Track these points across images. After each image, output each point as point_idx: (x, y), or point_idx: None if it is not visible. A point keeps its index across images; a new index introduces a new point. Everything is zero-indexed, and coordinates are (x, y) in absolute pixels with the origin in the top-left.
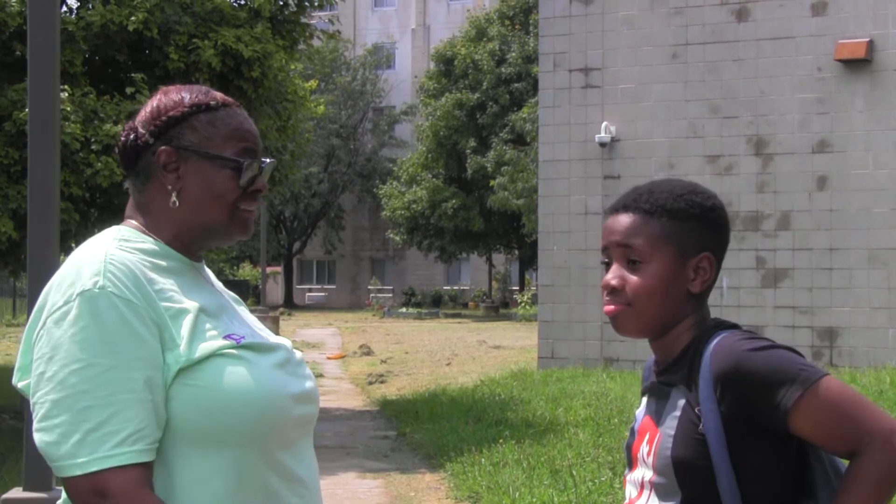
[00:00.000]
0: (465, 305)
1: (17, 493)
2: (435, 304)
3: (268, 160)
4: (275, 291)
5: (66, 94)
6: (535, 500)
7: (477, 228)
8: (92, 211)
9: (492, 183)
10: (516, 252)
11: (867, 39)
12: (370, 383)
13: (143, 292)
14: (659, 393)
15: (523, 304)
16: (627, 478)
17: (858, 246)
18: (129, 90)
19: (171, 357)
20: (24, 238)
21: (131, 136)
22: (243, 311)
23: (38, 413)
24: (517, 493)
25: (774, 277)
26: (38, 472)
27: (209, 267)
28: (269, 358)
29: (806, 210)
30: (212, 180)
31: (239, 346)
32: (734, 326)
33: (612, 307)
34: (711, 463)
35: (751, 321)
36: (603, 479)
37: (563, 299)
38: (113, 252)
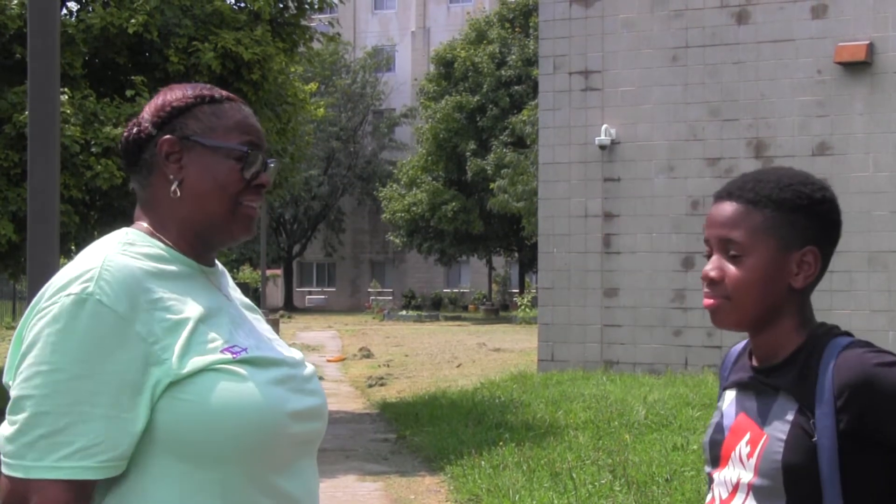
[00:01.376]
0: (465, 308)
1: None
2: (435, 306)
3: (272, 161)
4: (275, 294)
5: (66, 97)
6: (535, 502)
7: (477, 231)
8: (92, 213)
9: (492, 185)
10: (516, 255)
11: (867, 42)
12: (370, 386)
13: (133, 303)
14: (760, 392)
15: (523, 307)
16: (714, 476)
17: (858, 249)
18: (129, 93)
19: (161, 371)
20: (24, 240)
21: (134, 130)
22: (256, 320)
23: (8, 404)
24: (517, 496)
25: None
26: None
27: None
28: (267, 373)
29: None
30: (214, 170)
31: (236, 361)
32: (847, 333)
33: (710, 301)
34: (819, 474)
35: None
36: (603, 481)
37: (563, 302)
38: (112, 257)
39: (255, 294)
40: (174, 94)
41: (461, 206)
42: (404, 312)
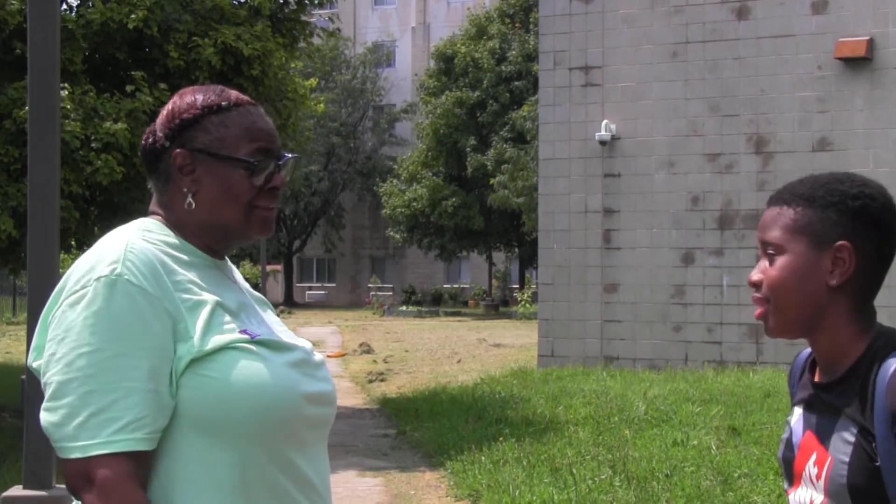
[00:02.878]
0: (465, 304)
1: (17, 490)
2: (435, 302)
3: (288, 155)
4: (275, 290)
5: (66, 92)
6: (534, 498)
7: (477, 227)
8: (92, 209)
9: (492, 181)
10: (516, 250)
11: (867, 38)
12: (370, 381)
13: (159, 282)
14: (823, 410)
15: (523, 303)
16: (790, 496)
17: None
18: (129, 88)
19: (184, 348)
20: (24, 236)
21: (150, 140)
22: (267, 312)
23: (46, 393)
24: (517, 492)
25: None
26: (38, 471)
27: None
28: (283, 356)
29: None
30: (226, 181)
31: (254, 342)
32: None
33: (758, 311)
34: (887, 495)
35: (751, 320)
36: (603, 477)
37: (564, 297)
38: (135, 241)
39: (255, 290)
40: (184, 103)
41: (461, 202)
42: (404, 308)
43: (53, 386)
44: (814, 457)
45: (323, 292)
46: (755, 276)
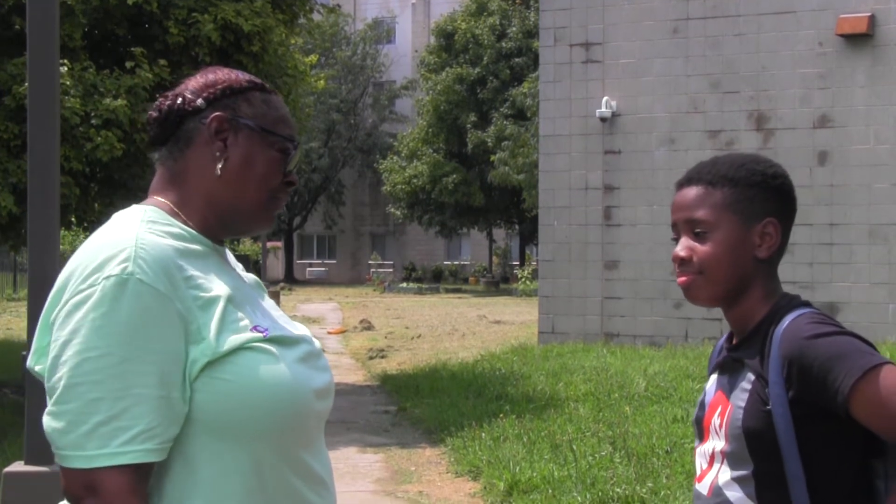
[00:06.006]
0: (466, 280)
1: (18, 466)
2: (435, 279)
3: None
4: (275, 266)
5: (66, 69)
6: (535, 474)
7: (477, 203)
8: (92, 185)
9: (492, 158)
10: (517, 227)
11: (869, 14)
12: (371, 358)
13: (172, 280)
14: (731, 369)
15: (524, 280)
16: (697, 450)
17: (859, 221)
18: (128, 64)
19: (198, 350)
20: (25, 212)
21: (178, 101)
22: (264, 298)
23: (50, 397)
24: (517, 468)
25: None
26: (39, 447)
27: None
28: (293, 352)
29: (807, 185)
30: (259, 158)
31: (266, 340)
32: (806, 304)
33: (683, 278)
34: (777, 439)
35: None
36: (603, 453)
37: (564, 274)
38: (144, 236)
39: (255, 266)
40: (224, 76)
41: (462, 179)
42: (405, 285)
43: (59, 391)
44: (719, 409)
45: (323, 269)
46: (682, 252)
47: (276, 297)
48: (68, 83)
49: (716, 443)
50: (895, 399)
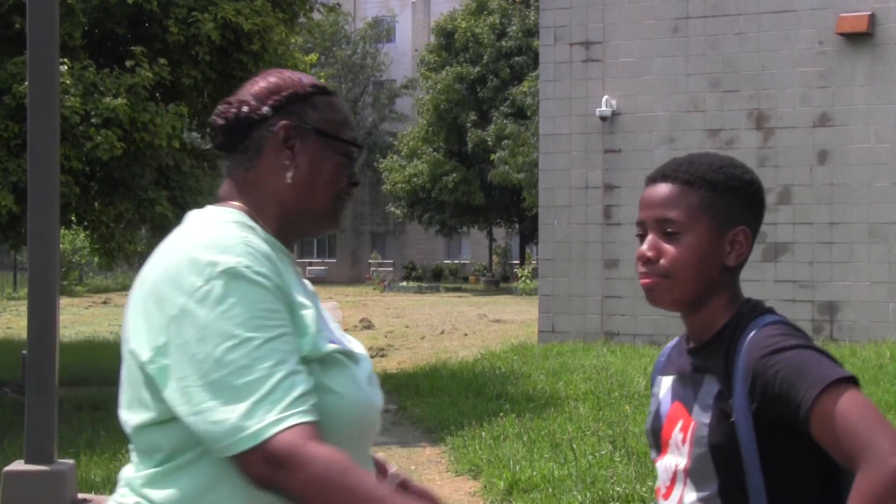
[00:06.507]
0: (466, 279)
1: (19, 466)
2: (435, 278)
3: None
4: None
5: (66, 68)
6: (535, 473)
7: (477, 202)
8: (92, 184)
9: (492, 157)
10: (517, 226)
11: (869, 13)
12: (371, 357)
13: (279, 275)
14: (690, 378)
15: (524, 279)
16: (658, 463)
17: (859, 220)
18: (128, 63)
19: (301, 343)
20: (25, 211)
21: (244, 109)
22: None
23: (191, 398)
24: (517, 467)
25: (775, 252)
26: (39, 446)
27: None
28: (362, 368)
29: (807, 184)
30: (326, 163)
31: (342, 353)
32: (770, 311)
33: (647, 280)
34: (741, 453)
35: (751, 295)
36: (603, 452)
37: (564, 273)
38: (245, 234)
39: None
40: (287, 80)
41: (462, 178)
42: (405, 284)
43: (204, 388)
44: (680, 423)
45: (323, 268)
46: (650, 252)
47: None
48: (68, 82)
49: (678, 460)
50: (847, 419)
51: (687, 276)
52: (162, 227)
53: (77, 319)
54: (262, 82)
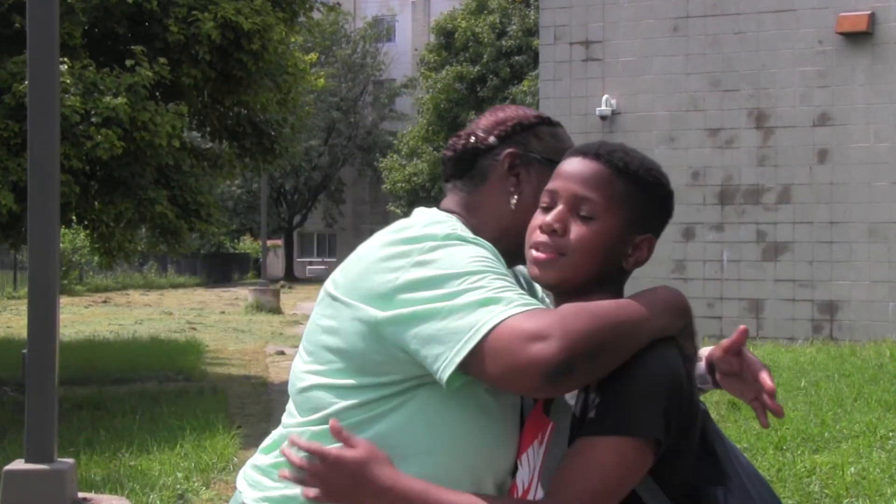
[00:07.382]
0: None
1: (19, 464)
2: None
3: None
4: (275, 264)
5: (66, 67)
6: None
7: None
8: (92, 184)
9: None
10: None
11: (869, 12)
12: None
13: (499, 259)
14: None
15: None
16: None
17: (859, 219)
18: (128, 63)
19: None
20: (25, 211)
21: (472, 139)
22: None
23: (451, 329)
24: None
25: (775, 251)
26: (39, 445)
27: (211, 240)
28: None
29: (806, 183)
30: None
31: None
32: None
33: (545, 254)
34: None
35: (751, 294)
36: None
37: None
38: (461, 224)
39: (255, 264)
40: (513, 113)
41: None
42: None
43: (465, 311)
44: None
45: (323, 267)
46: (556, 224)
47: (276, 295)
48: (68, 81)
49: (536, 463)
50: (583, 464)
51: (584, 261)
52: (162, 227)
53: (77, 319)
54: (491, 116)
